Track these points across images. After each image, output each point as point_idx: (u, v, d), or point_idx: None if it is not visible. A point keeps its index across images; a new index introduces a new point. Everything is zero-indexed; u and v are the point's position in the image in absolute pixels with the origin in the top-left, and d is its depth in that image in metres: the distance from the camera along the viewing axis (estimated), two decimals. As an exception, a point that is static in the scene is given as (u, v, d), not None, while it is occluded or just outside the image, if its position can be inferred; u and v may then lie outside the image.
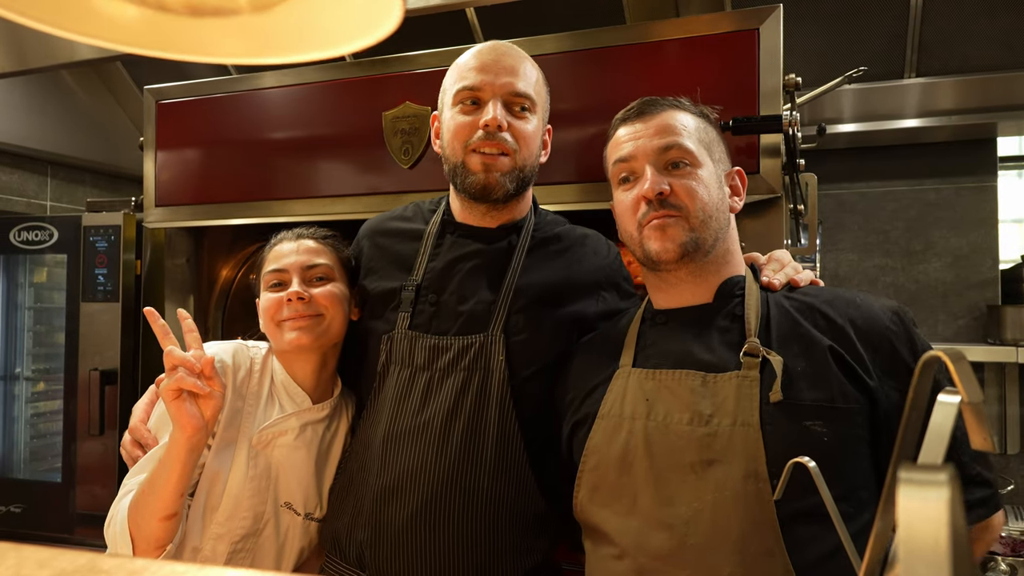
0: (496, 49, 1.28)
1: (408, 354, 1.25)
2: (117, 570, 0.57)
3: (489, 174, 1.24)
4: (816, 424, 0.99)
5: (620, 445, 1.07)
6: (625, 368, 1.14)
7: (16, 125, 3.22)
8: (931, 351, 0.58)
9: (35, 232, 2.75)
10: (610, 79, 1.74)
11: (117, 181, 3.86)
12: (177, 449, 1.09)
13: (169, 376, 1.09)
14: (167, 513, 1.10)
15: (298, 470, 1.28)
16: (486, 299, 1.26)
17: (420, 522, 1.16)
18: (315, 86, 2.01)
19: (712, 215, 1.10)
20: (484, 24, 2.57)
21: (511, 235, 1.32)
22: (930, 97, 2.54)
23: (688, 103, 1.19)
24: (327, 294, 1.27)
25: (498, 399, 1.19)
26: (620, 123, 1.19)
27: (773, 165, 1.59)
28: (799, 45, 1.74)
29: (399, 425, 1.21)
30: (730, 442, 0.99)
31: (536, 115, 1.28)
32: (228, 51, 0.50)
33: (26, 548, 0.61)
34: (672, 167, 1.11)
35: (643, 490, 1.03)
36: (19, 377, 3.03)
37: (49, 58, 2.05)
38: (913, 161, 2.84)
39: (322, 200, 2.00)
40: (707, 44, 1.67)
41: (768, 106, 1.58)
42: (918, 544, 0.39)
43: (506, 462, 1.19)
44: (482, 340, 1.22)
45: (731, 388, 1.03)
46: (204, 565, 0.58)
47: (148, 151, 2.20)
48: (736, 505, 0.97)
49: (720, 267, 1.15)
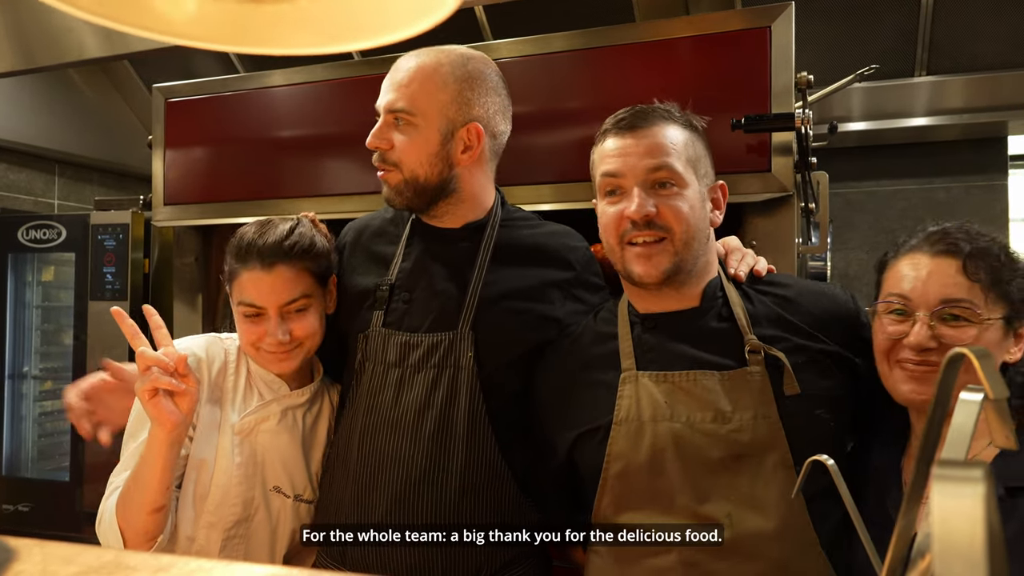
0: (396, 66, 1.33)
1: (382, 351, 1.29)
2: (143, 566, 0.57)
3: (386, 189, 1.32)
4: (824, 412, 1.08)
5: (647, 449, 1.10)
6: (630, 373, 1.15)
7: (24, 124, 3.22)
8: (957, 348, 0.58)
9: (43, 231, 2.76)
10: (619, 78, 1.74)
11: (125, 180, 3.87)
12: (158, 445, 1.11)
13: (143, 377, 1.10)
14: (155, 507, 1.13)
15: (283, 454, 1.29)
16: (455, 296, 1.29)
17: (394, 516, 1.20)
18: (324, 84, 2.01)
19: (695, 236, 1.13)
20: (493, 22, 2.56)
21: (476, 233, 1.35)
22: (940, 95, 2.53)
23: (677, 113, 1.18)
24: (307, 326, 1.26)
25: (468, 394, 1.23)
26: (610, 133, 1.18)
27: (785, 163, 1.58)
28: (808, 43, 1.74)
29: (374, 421, 1.26)
30: (755, 436, 1.06)
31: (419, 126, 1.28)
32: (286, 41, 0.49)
33: (50, 545, 0.61)
34: (659, 186, 1.12)
35: (680, 490, 1.08)
36: (27, 376, 3.04)
37: (57, 56, 2.06)
38: (923, 160, 2.83)
39: (331, 199, 2.00)
40: (718, 42, 1.66)
41: (780, 104, 1.57)
42: (954, 541, 0.38)
43: (477, 455, 1.23)
44: (451, 337, 1.26)
45: (745, 385, 1.08)
46: (229, 561, 0.59)
47: (157, 149, 2.20)
48: (770, 492, 1.05)
49: (703, 276, 1.18)
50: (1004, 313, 1.00)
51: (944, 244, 1.03)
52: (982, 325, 0.99)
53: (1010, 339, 1.03)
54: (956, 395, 0.57)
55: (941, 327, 1.01)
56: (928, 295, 1.02)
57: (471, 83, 1.31)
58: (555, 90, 1.80)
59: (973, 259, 1.01)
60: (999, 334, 1.01)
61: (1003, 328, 1.01)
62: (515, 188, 1.80)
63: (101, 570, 0.56)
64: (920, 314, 1.02)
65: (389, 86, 1.30)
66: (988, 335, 1.00)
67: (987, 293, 1.00)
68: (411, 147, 1.28)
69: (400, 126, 1.28)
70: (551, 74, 1.81)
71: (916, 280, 1.03)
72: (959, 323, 1.00)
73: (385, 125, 1.30)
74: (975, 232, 1.05)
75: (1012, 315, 1.01)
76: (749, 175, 1.62)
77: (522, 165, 1.81)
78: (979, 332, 0.99)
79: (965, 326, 1.00)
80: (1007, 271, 1.01)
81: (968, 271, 1.00)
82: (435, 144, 1.28)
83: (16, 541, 0.61)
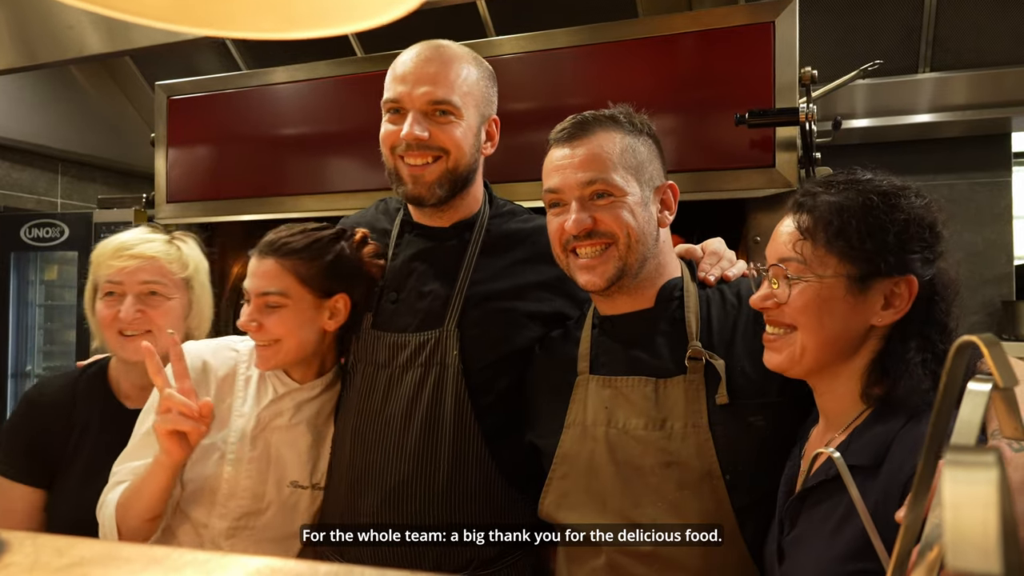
0: (419, 56, 1.28)
1: (372, 352, 1.30)
2: (138, 557, 0.56)
3: (417, 184, 1.28)
4: (758, 419, 1.06)
5: (587, 453, 1.13)
6: (584, 376, 1.18)
7: (27, 122, 3.23)
8: (965, 336, 0.57)
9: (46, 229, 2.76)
10: (622, 74, 1.73)
11: (127, 178, 3.88)
12: (164, 469, 1.17)
13: (164, 416, 1.15)
14: (152, 515, 1.19)
15: (299, 446, 1.31)
16: (441, 295, 1.29)
17: (385, 514, 1.22)
18: (326, 81, 2.01)
19: (639, 239, 1.12)
20: (495, 17, 2.56)
21: (464, 232, 1.35)
22: (943, 92, 2.52)
23: (623, 117, 1.17)
24: (277, 322, 1.25)
25: (453, 392, 1.24)
26: (553, 144, 1.19)
27: (789, 159, 1.58)
28: (811, 39, 1.73)
29: (364, 422, 1.27)
30: (683, 444, 1.06)
31: (463, 118, 1.28)
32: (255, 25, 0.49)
33: (42, 536, 0.60)
34: (597, 197, 1.12)
35: (611, 493, 1.09)
36: (30, 374, 3.04)
37: (59, 52, 2.05)
38: (926, 156, 2.82)
39: (333, 196, 2.00)
40: (721, 37, 1.66)
41: (783, 100, 1.56)
42: (966, 528, 0.37)
43: (465, 453, 1.23)
44: (437, 336, 1.26)
45: (679, 393, 1.09)
46: (225, 553, 0.58)
47: (159, 147, 2.20)
48: (695, 503, 1.04)
49: (655, 278, 1.17)
50: (847, 271, 0.90)
51: (796, 198, 0.97)
52: (808, 284, 0.91)
53: (869, 300, 0.90)
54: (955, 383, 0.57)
55: (782, 287, 0.95)
56: (773, 255, 0.97)
57: (492, 78, 1.36)
58: (558, 86, 1.80)
59: (805, 211, 0.93)
60: (840, 294, 0.90)
61: (847, 287, 0.90)
62: (517, 184, 1.79)
63: (94, 561, 0.55)
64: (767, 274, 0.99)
65: (421, 77, 1.25)
66: (822, 294, 0.91)
67: (816, 249, 0.91)
68: (459, 138, 1.27)
69: (441, 117, 1.26)
70: (554, 70, 1.80)
71: (774, 239, 0.98)
72: (789, 282, 0.93)
73: (423, 116, 1.26)
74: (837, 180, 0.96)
75: (862, 273, 0.90)
76: (752, 170, 1.61)
77: (524, 161, 1.80)
78: (807, 291, 0.91)
79: (793, 284, 0.92)
80: (853, 224, 0.90)
81: (799, 226, 0.93)
82: (473, 135, 1.30)
83: (8, 533, 0.60)
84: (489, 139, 1.36)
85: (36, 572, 0.54)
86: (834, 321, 0.91)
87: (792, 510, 0.94)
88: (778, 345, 0.97)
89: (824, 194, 0.94)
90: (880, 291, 0.90)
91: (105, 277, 1.42)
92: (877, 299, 0.90)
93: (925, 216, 0.91)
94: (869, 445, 0.86)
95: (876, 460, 0.85)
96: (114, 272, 1.40)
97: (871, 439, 0.87)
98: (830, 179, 0.97)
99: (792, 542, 0.93)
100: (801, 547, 0.91)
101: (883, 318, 0.90)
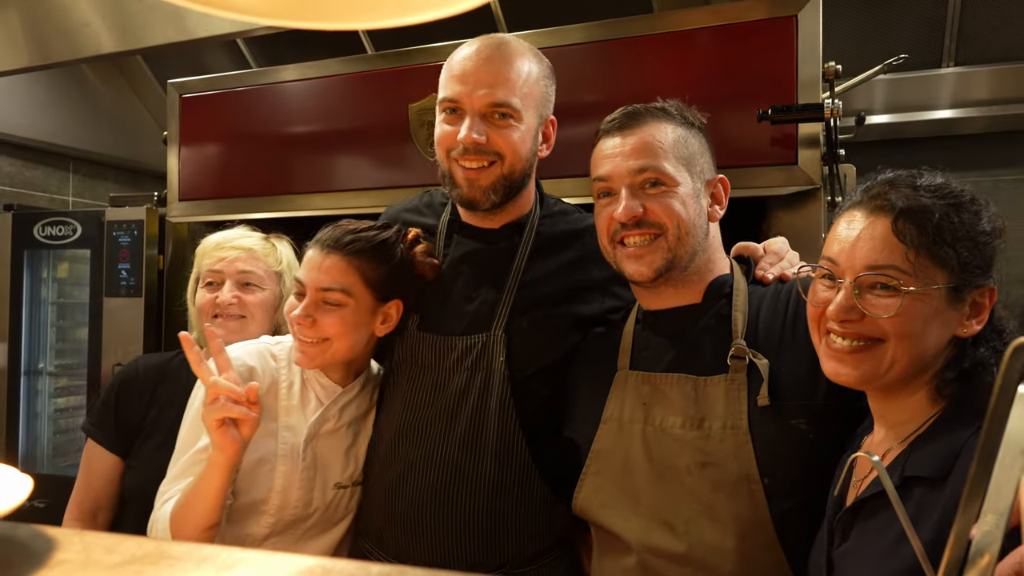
0: (479, 54, 1.23)
1: (417, 354, 1.29)
2: (187, 556, 0.55)
3: (472, 188, 1.25)
4: (801, 423, 1.02)
5: (623, 449, 1.11)
6: (623, 371, 1.17)
7: (39, 120, 3.23)
8: (1020, 338, 0.55)
9: (58, 227, 2.76)
10: (638, 70, 1.70)
11: (139, 176, 3.88)
12: (218, 469, 1.12)
13: (212, 405, 1.11)
14: (209, 524, 1.14)
15: (340, 448, 1.31)
16: (490, 299, 1.27)
17: (424, 513, 1.22)
18: (339, 79, 1.99)
19: (689, 231, 1.11)
20: (508, 14, 2.53)
21: (515, 234, 1.33)
22: (966, 87, 2.47)
23: (674, 110, 1.16)
24: (334, 322, 1.22)
25: (499, 398, 1.22)
26: (603, 134, 1.18)
27: (812, 156, 1.54)
28: (833, 32, 1.69)
29: (407, 422, 1.26)
30: (721, 445, 1.03)
31: (523, 120, 1.25)
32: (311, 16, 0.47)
33: (89, 534, 0.60)
34: (648, 186, 1.11)
35: (645, 492, 1.07)
36: (42, 372, 3.04)
37: (73, 52, 2.04)
38: (949, 153, 2.76)
39: (346, 194, 1.98)
40: (741, 32, 1.62)
41: (807, 95, 1.53)
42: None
43: (508, 458, 1.22)
44: (484, 340, 1.25)
45: (720, 392, 1.06)
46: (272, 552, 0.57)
47: (172, 145, 2.19)
48: (731, 506, 1.01)
49: (703, 273, 1.16)
50: (945, 281, 0.84)
51: (880, 200, 0.89)
52: (910, 295, 0.84)
53: (960, 310, 0.86)
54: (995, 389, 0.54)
55: (867, 296, 0.86)
56: (855, 260, 0.88)
57: (551, 75, 1.32)
58: (573, 83, 1.77)
59: (905, 218, 0.85)
60: (938, 305, 0.85)
61: (945, 298, 0.85)
62: (533, 183, 1.77)
63: (144, 559, 0.55)
64: (844, 280, 0.89)
65: (481, 78, 1.21)
66: (919, 306, 0.84)
67: (919, 258, 0.84)
68: (517, 141, 1.24)
69: (500, 120, 1.22)
70: (569, 67, 1.77)
71: (845, 242, 0.90)
72: (887, 292, 0.85)
73: (481, 119, 1.22)
74: (924, 184, 0.88)
75: (959, 283, 0.85)
76: (774, 168, 1.58)
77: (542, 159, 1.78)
78: (907, 303, 0.84)
79: (891, 295, 0.85)
80: (950, 232, 0.84)
81: (898, 232, 0.85)
82: (531, 138, 1.27)
83: (55, 531, 0.60)
84: (545, 140, 1.32)
85: (89, 570, 0.53)
86: (930, 333, 0.86)
87: (844, 522, 0.90)
88: (856, 359, 0.89)
89: (918, 197, 0.87)
90: (968, 301, 0.87)
91: (207, 267, 1.54)
92: (964, 309, 0.87)
93: (998, 222, 0.88)
94: (934, 455, 0.82)
95: (943, 471, 0.80)
96: (215, 261, 1.52)
97: (936, 449, 0.82)
98: (911, 181, 0.91)
99: (843, 555, 0.89)
100: (854, 561, 0.87)
101: (969, 328, 0.87)
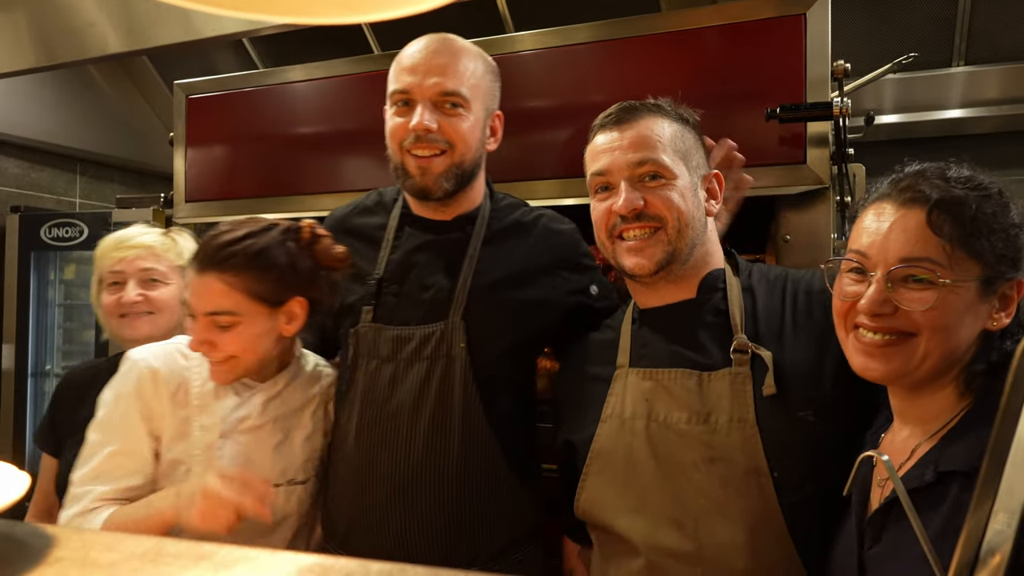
0: (428, 47, 1.28)
1: (373, 346, 1.28)
2: (185, 554, 0.55)
3: (425, 176, 1.27)
4: (808, 414, 1.01)
5: (625, 447, 1.09)
6: (623, 369, 1.16)
7: (45, 122, 3.24)
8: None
9: (65, 229, 2.76)
10: (645, 69, 1.69)
11: (145, 178, 3.89)
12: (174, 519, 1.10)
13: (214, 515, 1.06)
14: None
15: (269, 444, 1.26)
16: (445, 287, 1.29)
17: (394, 507, 1.22)
18: (346, 79, 1.98)
19: (688, 223, 1.11)
20: (514, 14, 2.52)
21: (467, 225, 1.35)
22: (978, 86, 2.45)
23: (668, 107, 1.17)
24: (232, 340, 1.17)
25: (462, 384, 1.23)
26: (599, 129, 1.17)
27: (820, 155, 1.53)
28: (842, 31, 1.68)
29: (369, 416, 1.26)
30: (729, 439, 1.02)
31: (471, 111, 1.28)
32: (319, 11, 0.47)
33: (88, 532, 0.60)
34: (648, 179, 1.11)
35: (651, 490, 1.06)
36: (49, 374, 3.05)
37: (79, 52, 2.05)
38: (958, 153, 2.73)
39: (352, 195, 1.97)
40: (749, 31, 1.61)
41: (815, 94, 1.51)
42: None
43: (473, 445, 1.23)
44: (443, 328, 1.25)
45: (725, 385, 1.05)
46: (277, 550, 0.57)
47: (178, 146, 2.19)
48: (741, 500, 1.00)
49: (700, 267, 1.16)
50: (979, 274, 0.83)
51: (911, 192, 0.87)
52: (945, 288, 0.83)
53: (990, 303, 0.85)
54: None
55: (900, 289, 0.85)
56: (887, 252, 0.86)
57: (496, 73, 1.37)
58: (580, 82, 1.76)
59: (940, 210, 0.84)
60: (971, 298, 0.83)
61: (978, 291, 0.84)
62: (538, 183, 1.76)
63: (143, 557, 0.55)
64: (876, 274, 0.87)
65: (431, 68, 1.25)
66: (954, 299, 0.83)
67: (955, 250, 0.83)
68: (466, 131, 1.27)
69: (450, 109, 1.26)
70: (575, 66, 1.76)
71: (876, 234, 0.88)
72: (921, 285, 0.84)
73: (433, 107, 1.25)
74: (955, 176, 0.88)
75: (991, 275, 0.83)
76: (782, 167, 1.56)
77: (546, 158, 1.77)
78: (942, 296, 0.83)
79: (926, 288, 0.83)
80: (984, 224, 0.83)
81: (933, 224, 0.84)
82: (479, 129, 1.31)
83: (54, 528, 0.60)
84: (492, 134, 1.36)
85: (87, 567, 0.53)
86: (963, 327, 0.85)
87: (874, 523, 0.88)
88: (887, 353, 0.87)
89: (945, 187, 0.86)
90: (998, 294, 0.86)
91: (108, 268, 1.54)
92: (994, 302, 0.86)
93: None
94: (969, 449, 0.80)
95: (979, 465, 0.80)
96: (115, 262, 1.52)
97: (970, 443, 0.81)
98: (941, 173, 0.90)
99: (877, 556, 0.87)
100: (890, 564, 0.85)
101: (998, 321, 0.86)
